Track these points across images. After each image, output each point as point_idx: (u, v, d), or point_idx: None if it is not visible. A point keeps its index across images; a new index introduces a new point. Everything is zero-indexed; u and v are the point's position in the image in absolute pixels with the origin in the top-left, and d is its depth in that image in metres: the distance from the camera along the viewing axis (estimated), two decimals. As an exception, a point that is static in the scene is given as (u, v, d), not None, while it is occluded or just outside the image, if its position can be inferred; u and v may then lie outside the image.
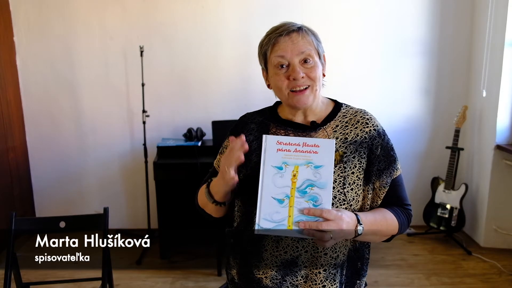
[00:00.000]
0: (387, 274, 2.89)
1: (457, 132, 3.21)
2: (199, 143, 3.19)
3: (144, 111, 3.22)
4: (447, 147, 3.26)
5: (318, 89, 1.14)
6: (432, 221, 3.33)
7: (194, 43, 3.37)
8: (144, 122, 3.24)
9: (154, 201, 3.27)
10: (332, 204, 1.05)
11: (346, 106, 1.22)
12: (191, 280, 2.83)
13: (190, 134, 3.23)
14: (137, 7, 3.32)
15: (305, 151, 1.00)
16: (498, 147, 3.11)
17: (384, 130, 1.19)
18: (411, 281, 2.81)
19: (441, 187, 3.30)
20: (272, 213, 0.98)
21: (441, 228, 3.29)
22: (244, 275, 1.17)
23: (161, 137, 3.41)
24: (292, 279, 1.11)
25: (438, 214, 3.29)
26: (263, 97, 3.32)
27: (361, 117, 1.18)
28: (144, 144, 3.27)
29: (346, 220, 1.00)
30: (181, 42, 3.37)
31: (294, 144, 1.00)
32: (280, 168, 1.00)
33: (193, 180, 3.04)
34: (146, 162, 3.32)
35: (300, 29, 1.12)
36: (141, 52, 3.15)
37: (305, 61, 1.10)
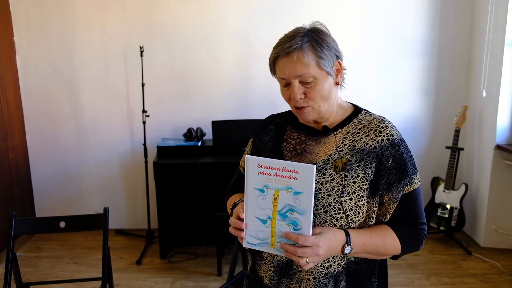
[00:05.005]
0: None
1: (457, 132, 3.21)
2: (199, 143, 3.19)
3: (144, 111, 3.23)
4: (447, 147, 3.26)
5: (322, 105, 1.10)
6: (432, 221, 3.33)
7: (194, 43, 3.37)
8: (144, 122, 3.25)
9: (154, 201, 3.27)
10: (326, 212, 1.04)
11: (365, 112, 1.18)
12: (191, 280, 2.83)
13: (190, 134, 3.23)
14: (137, 7, 3.32)
15: (285, 176, 0.97)
16: (498, 147, 3.11)
17: (402, 141, 1.11)
18: (411, 281, 2.81)
19: (441, 187, 3.30)
20: (257, 231, 1.01)
21: (441, 228, 3.28)
22: (253, 272, 1.22)
23: (161, 137, 3.41)
24: (288, 281, 1.13)
25: (438, 214, 3.29)
26: (263, 97, 3.32)
27: (375, 125, 1.11)
28: (144, 144, 3.27)
29: (325, 244, 0.98)
30: (181, 42, 3.37)
31: (274, 168, 0.98)
32: (262, 191, 1.00)
33: (193, 180, 3.05)
34: (146, 162, 3.32)
35: (298, 49, 1.04)
36: (141, 52, 3.15)
37: (304, 81, 1.07)
